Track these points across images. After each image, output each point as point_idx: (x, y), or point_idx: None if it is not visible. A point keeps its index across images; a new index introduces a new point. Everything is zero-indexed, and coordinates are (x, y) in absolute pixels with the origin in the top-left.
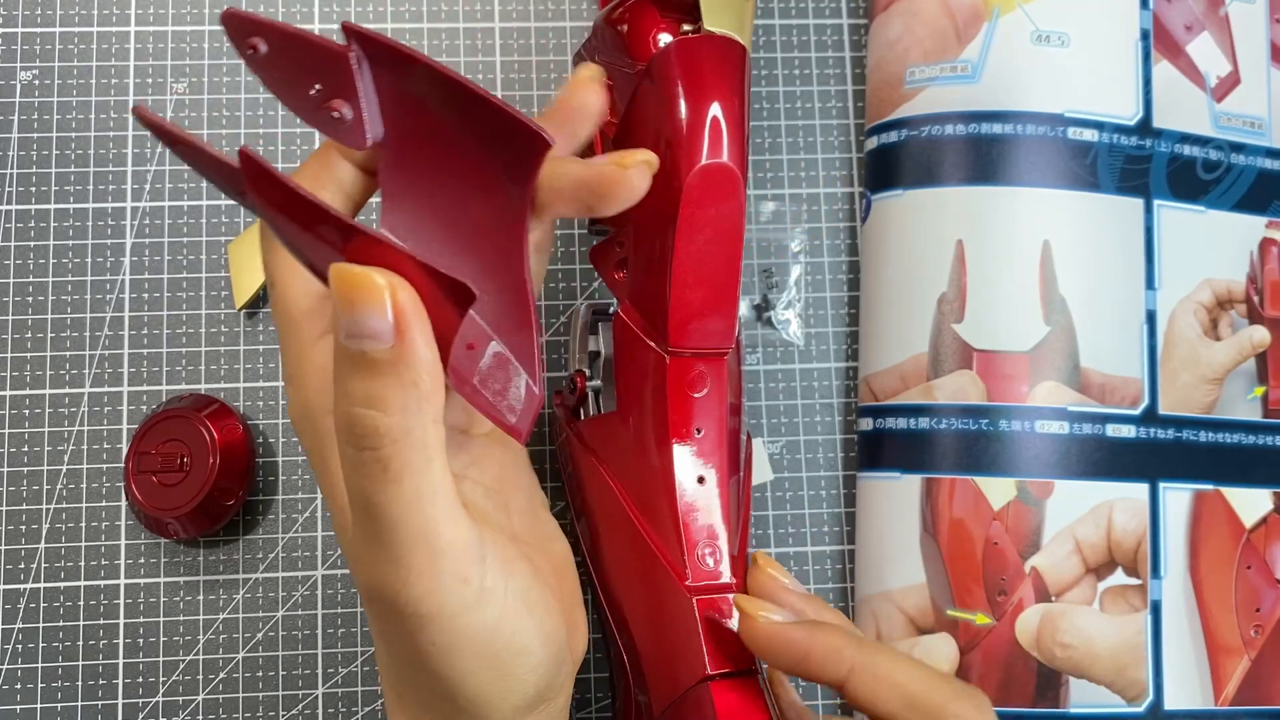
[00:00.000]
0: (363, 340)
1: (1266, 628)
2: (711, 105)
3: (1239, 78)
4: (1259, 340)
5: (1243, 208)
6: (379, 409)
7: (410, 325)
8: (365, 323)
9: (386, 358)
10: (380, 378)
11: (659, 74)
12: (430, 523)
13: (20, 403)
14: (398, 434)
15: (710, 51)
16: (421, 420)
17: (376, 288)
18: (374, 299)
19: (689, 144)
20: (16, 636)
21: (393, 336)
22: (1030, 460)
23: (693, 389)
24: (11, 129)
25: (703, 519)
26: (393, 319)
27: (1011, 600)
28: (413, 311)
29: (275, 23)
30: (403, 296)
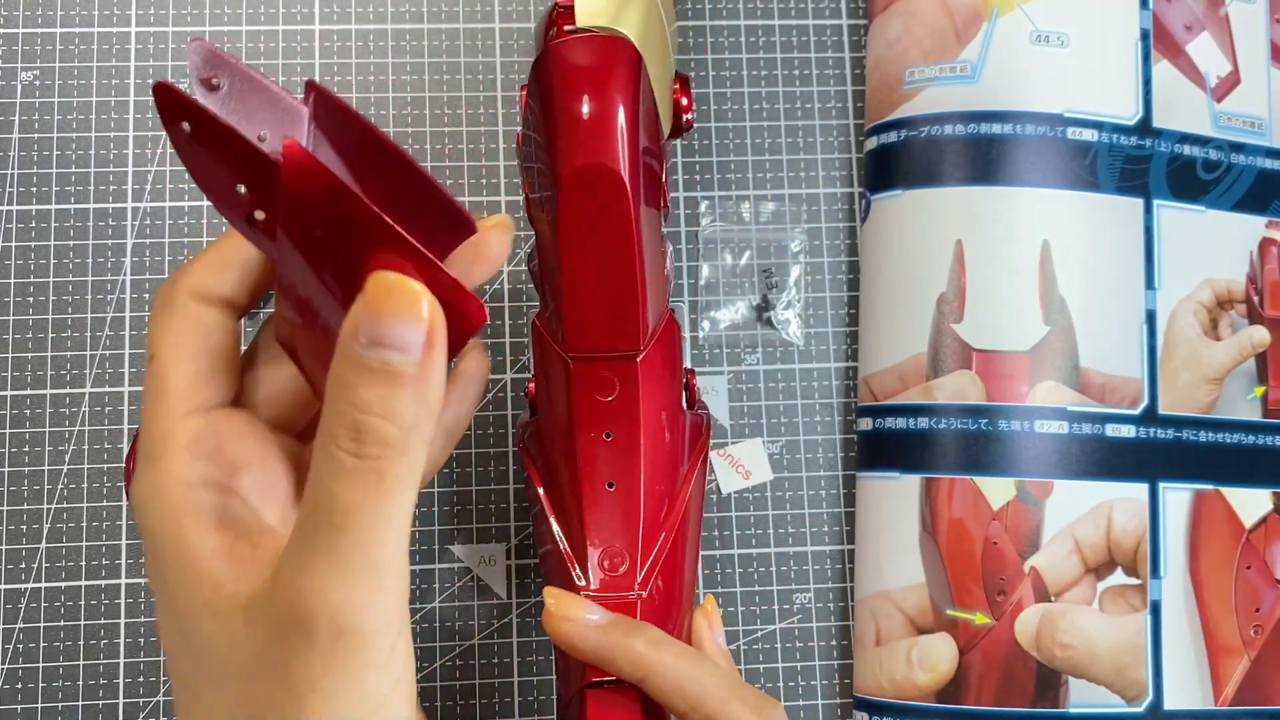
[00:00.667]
0: (387, 350)
1: (1266, 628)
2: (582, 104)
3: (1239, 77)
4: (1259, 340)
5: (1243, 207)
6: (392, 420)
7: (438, 347)
8: (395, 333)
9: (411, 371)
10: (400, 389)
11: (536, 82)
12: (390, 545)
13: (21, 403)
14: (403, 448)
15: (581, 49)
16: (422, 440)
17: (416, 300)
18: (412, 309)
19: (563, 146)
20: (16, 636)
21: (419, 351)
22: (1030, 460)
23: (601, 393)
24: (12, 129)
25: (608, 525)
26: (425, 336)
27: (1011, 600)
28: (442, 335)
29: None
30: (437, 318)
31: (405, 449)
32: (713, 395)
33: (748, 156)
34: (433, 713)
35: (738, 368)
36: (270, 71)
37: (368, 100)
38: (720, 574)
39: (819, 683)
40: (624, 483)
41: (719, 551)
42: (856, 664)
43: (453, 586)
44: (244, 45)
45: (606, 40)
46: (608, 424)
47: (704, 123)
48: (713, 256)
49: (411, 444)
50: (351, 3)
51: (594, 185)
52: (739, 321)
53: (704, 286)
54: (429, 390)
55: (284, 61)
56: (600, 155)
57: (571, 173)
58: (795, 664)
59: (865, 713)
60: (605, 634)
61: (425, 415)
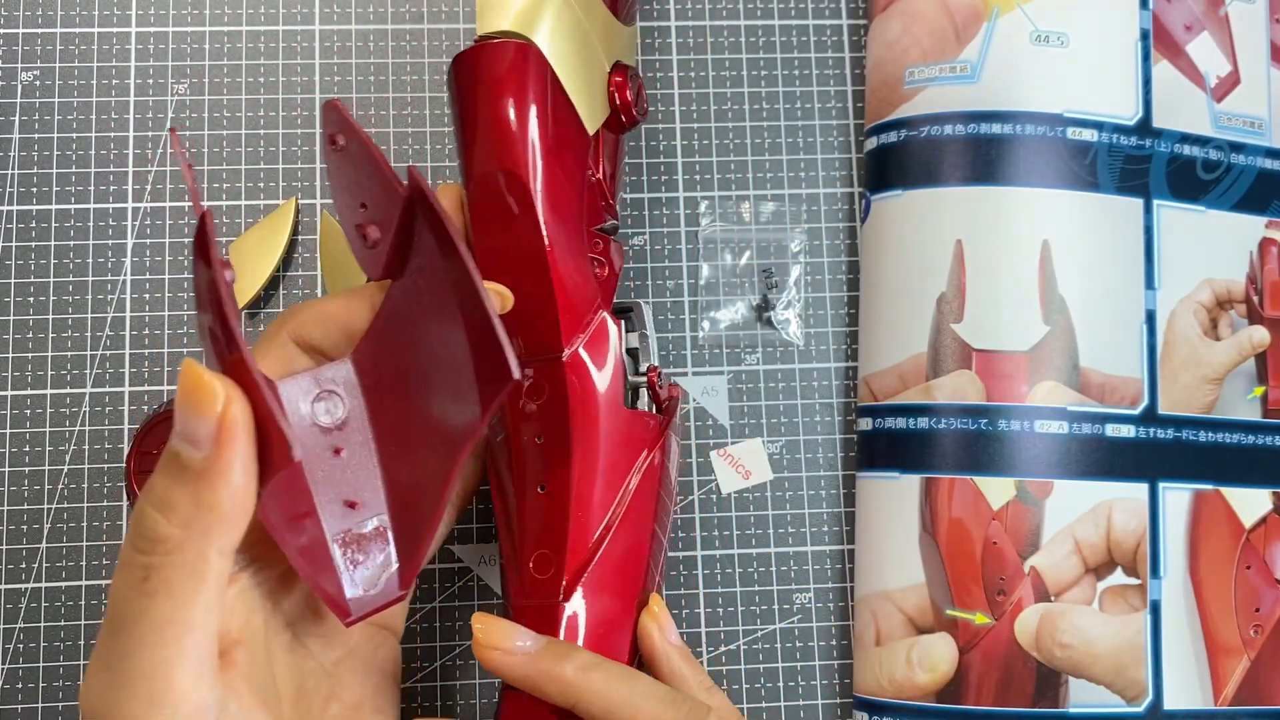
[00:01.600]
0: (184, 442)
1: (1266, 628)
2: (480, 111)
3: (1239, 77)
4: (1259, 340)
5: (1242, 207)
6: (166, 514)
7: (230, 443)
8: (190, 423)
9: (196, 466)
10: (181, 485)
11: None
12: (165, 663)
13: (21, 403)
14: (171, 546)
15: (481, 57)
16: (202, 544)
17: (211, 394)
18: (205, 403)
19: (467, 153)
20: (17, 636)
21: (209, 447)
22: (1030, 460)
23: (531, 397)
24: (13, 130)
25: (538, 529)
26: (214, 430)
27: (1011, 600)
28: (239, 433)
29: (360, 130)
30: (235, 414)
31: (177, 549)
32: (713, 395)
33: (748, 156)
34: (432, 713)
35: (738, 368)
36: (270, 71)
37: (368, 100)
38: (720, 574)
39: (819, 683)
40: (554, 486)
41: (719, 551)
42: (856, 664)
43: (453, 586)
44: (244, 45)
45: (505, 46)
46: (538, 427)
47: (704, 123)
48: (713, 256)
49: (187, 545)
50: (351, 3)
51: (497, 190)
52: (739, 321)
53: (704, 286)
54: (208, 491)
55: (284, 62)
56: (499, 161)
57: (476, 178)
58: (795, 664)
59: (865, 713)
60: (534, 662)
61: (203, 518)
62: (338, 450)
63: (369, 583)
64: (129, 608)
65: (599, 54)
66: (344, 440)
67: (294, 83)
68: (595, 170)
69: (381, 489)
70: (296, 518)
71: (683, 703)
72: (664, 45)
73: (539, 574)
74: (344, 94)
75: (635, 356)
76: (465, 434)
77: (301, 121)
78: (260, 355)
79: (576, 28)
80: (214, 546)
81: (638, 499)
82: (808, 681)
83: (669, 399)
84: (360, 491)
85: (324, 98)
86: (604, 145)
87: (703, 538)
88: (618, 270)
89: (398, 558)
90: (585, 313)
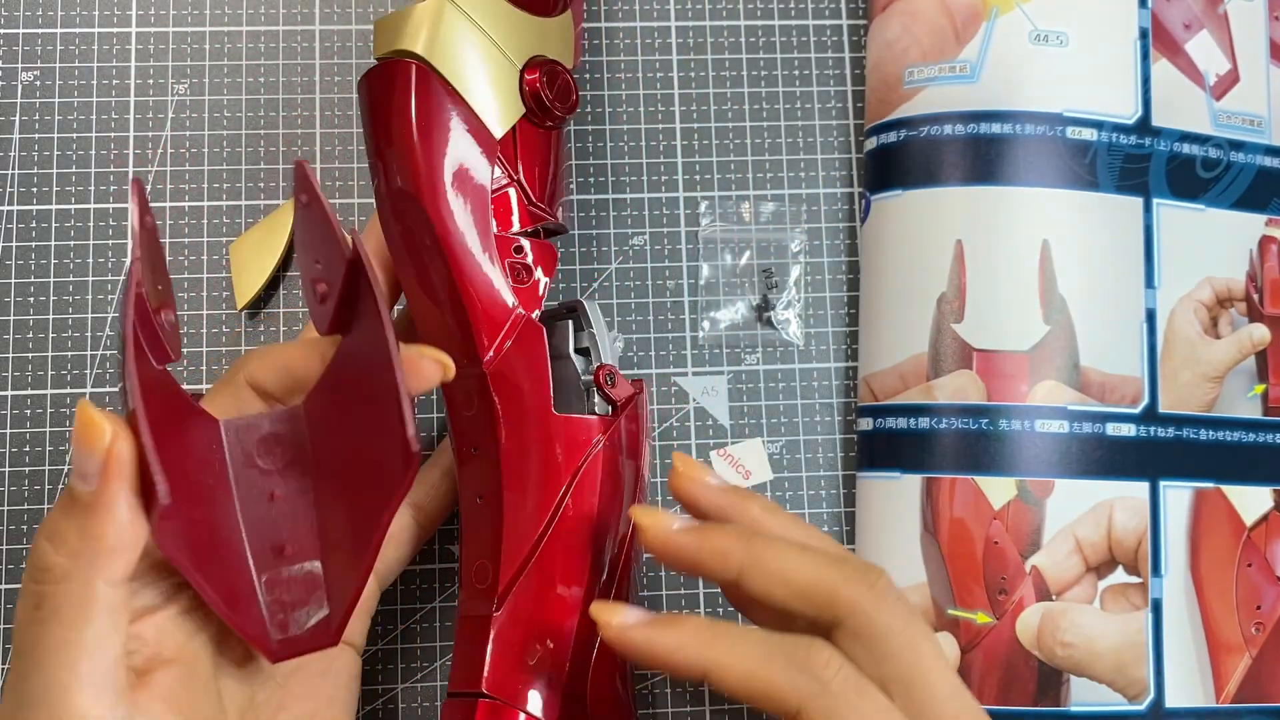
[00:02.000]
0: (76, 477)
1: (1267, 625)
2: (374, 134)
3: (1238, 76)
4: (1259, 338)
5: (1242, 206)
6: (55, 544)
7: (114, 479)
8: (80, 458)
9: (85, 500)
10: (70, 517)
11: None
12: (61, 685)
13: (21, 403)
14: (59, 575)
15: (370, 84)
16: (90, 574)
17: (99, 431)
18: (93, 440)
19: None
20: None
21: (95, 482)
22: (1030, 459)
23: (465, 408)
24: (13, 130)
25: (476, 539)
26: (100, 465)
27: (1012, 599)
28: (122, 469)
29: (318, 190)
30: (119, 450)
31: (64, 578)
32: (713, 395)
33: (748, 156)
34: (432, 713)
35: (738, 368)
36: (270, 72)
37: None
38: None
39: None
40: (489, 496)
41: None
42: None
43: (453, 586)
44: (244, 45)
45: (391, 67)
46: (472, 438)
47: (704, 123)
48: (713, 256)
49: (74, 575)
50: (351, 3)
51: (398, 208)
52: (739, 321)
53: (704, 286)
54: (94, 523)
55: (284, 62)
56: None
57: (378, 199)
58: None
59: None
60: (725, 495)
61: (90, 549)
62: (272, 495)
63: (297, 625)
64: (25, 633)
65: (503, 55)
66: (282, 485)
67: (294, 83)
68: (513, 171)
69: (315, 535)
70: (217, 557)
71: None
72: (664, 45)
73: (478, 584)
74: (344, 94)
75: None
76: (393, 489)
77: (301, 121)
78: (215, 394)
79: (470, 35)
80: (101, 576)
81: (578, 502)
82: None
83: (625, 397)
84: (293, 536)
85: (324, 98)
86: (524, 145)
87: None
88: (549, 272)
89: (329, 604)
90: (503, 321)
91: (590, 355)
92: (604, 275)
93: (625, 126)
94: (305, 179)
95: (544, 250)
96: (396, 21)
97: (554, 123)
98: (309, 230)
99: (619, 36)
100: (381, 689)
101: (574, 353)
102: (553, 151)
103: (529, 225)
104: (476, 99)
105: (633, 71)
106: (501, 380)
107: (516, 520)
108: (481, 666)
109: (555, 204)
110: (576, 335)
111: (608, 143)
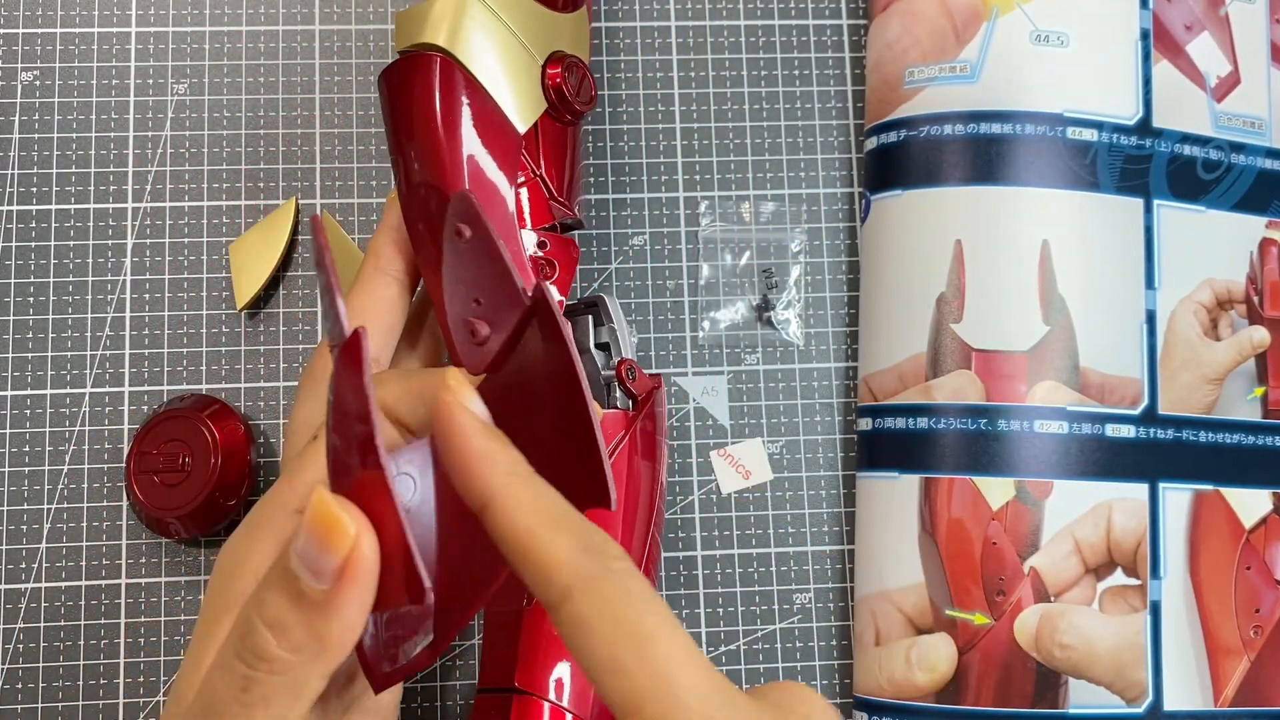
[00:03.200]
0: (306, 570)
1: (1266, 628)
2: (398, 128)
3: (1239, 77)
4: (1259, 340)
5: (1243, 207)
6: (278, 637)
7: (351, 586)
8: (315, 556)
9: (315, 597)
10: (297, 610)
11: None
12: None
13: (21, 403)
14: (279, 668)
15: (393, 75)
16: (309, 670)
17: (343, 532)
18: (336, 540)
19: (394, 170)
20: (16, 636)
21: (332, 583)
22: (1029, 460)
23: None
24: (12, 129)
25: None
26: (339, 568)
27: (1010, 600)
28: (363, 575)
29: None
30: (362, 555)
31: (283, 670)
32: (713, 395)
33: (748, 156)
34: (432, 713)
35: (738, 368)
36: (270, 71)
37: (368, 100)
38: (720, 574)
39: (819, 683)
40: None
41: (719, 551)
42: (856, 664)
43: None
44: (244, 45)
45: (417, 60)
46: None
47: (704, 123)
48: (713, 256)
49: (293, 669)
50: (351, 3)
51: (422, 203)
52: (739, 321)
53: (704, 286)
54: (323, 624)
55: (284, 62)
56: (421, 174)
57: (403, 193)
58: (795, 664)
59: (865, 713)
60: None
61: (317, 649)
62: None
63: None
64: (224, 709)
65: (525, 49)
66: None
67: (294, 83)
68: (535, 167)
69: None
70: None
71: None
72: (664, 45)
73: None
74: (343, 94)
75: (609, 350)
76: None
77: (301, 121)
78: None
79: (493, 28)
80: (318, 672)
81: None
82: (807, 681)
83: (645, 391)
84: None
85: (324, 98)
86: (546, 140)
87: (703, 538)
88: (571, 268)
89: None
90: None
91: (610, 350)
92: (604, 275)
93: (625, 126)
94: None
95: (564, 245)
96: (418, 14)
97: (574, 117)
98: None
99: (619, 36)
100: None
101: (594, 347)
102: (572, 146)
103: (550, 220)
104: (500, 93)
105: (633, 71)
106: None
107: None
108: (513, 662)
109: (574, 199)
110: (596, 330)
111: (608, 143)
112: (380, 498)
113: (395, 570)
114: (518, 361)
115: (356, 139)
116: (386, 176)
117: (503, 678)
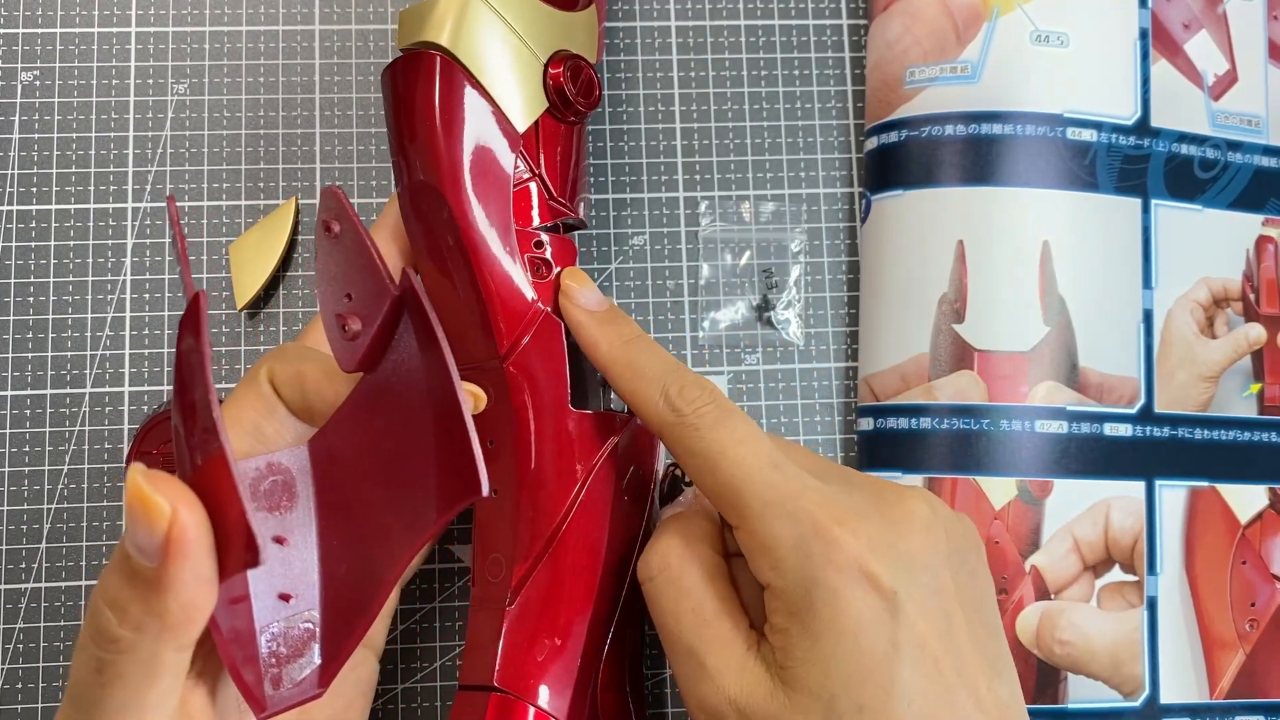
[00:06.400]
0: (135, 549)
1: (1261, 622)
2: (398, 126)
3: (1236, 76)
4: (1255, 338)
5: (1239, 206)
6: (118, 616)
7: (179, 560)
8: (138, 534)
9: (146, 575)
10: (131, 588)
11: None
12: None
13: (21, 403)
14: (124, 646)
15: (394, 75)
16: (156, 647)
17: (158, 513)
18: (151, 521)
19: (393, 168)
20: (16, 636)
21: (157, 560)
22: (1030, 460)
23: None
24: (12, 130)
25: (490, 533)
26: (160, 544)
27: (1012, 599)
28: (189, 548)
29: (357, 220)
30: (183, 528)
31: (130, 649)
32: None
33: (748, 156)
34: (432, 713)
35: (738, 368)
36: (270, 71)
37: (368, 100)
38: None
39: None
40: (504, 490)
41: None
42: None
43: (453, 586)
44: (244, 45)
45: (417, 58)
46: (489, 432)
47: (704, 123)
48: (713, 256)
49: (140, 647)
50: (351, 3)
51: (419, 201)
52: (739, 321)
53: (704, 286)
54: (157, 600)
55: (284, 62)
56: (418, 172)
57: (400, 192)
58: None
59: None
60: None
61: (158, 626)
62: (280, 539)
63: (289, 679)
64: (85, 692)
65: (527, 48)
66: (287, 529)
67: (294, 83)
68: (535, 166)
69: (317, 583)
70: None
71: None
72: (664, 45)
73: (491, 578)
74: (343, 94)
75: None
76: (414, 536)
77: (301, 121)
78: (240, 395)
79: (495, 27)
80: (169, 647)
81: (593, 498)
82: None
83: None
84: (296, 584)
85: (324, 98)
86: (546, 139)
87: None
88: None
89: (321, 655)
90: (522, 316)
91: None
92: (604, 275)
93: (625, 126)
94: (341, 206)
95: (563, 246)
96: (421, 12)
97: (576, 118)
98: (339, 262)
99: (619, 36)
100: (381, 689)
101: None
102: (574, 146)
103: (549, 220)
104: (500, 92)
105: (633, 71)
106: (519, 375)
107: (532, 515)
108: (494, 661)
109: (575, 199)
110: None
111: (608, 143)
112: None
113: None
114: (393, 359)
115: (356, 139)
116: (386, 176)
117: (483, 676)
